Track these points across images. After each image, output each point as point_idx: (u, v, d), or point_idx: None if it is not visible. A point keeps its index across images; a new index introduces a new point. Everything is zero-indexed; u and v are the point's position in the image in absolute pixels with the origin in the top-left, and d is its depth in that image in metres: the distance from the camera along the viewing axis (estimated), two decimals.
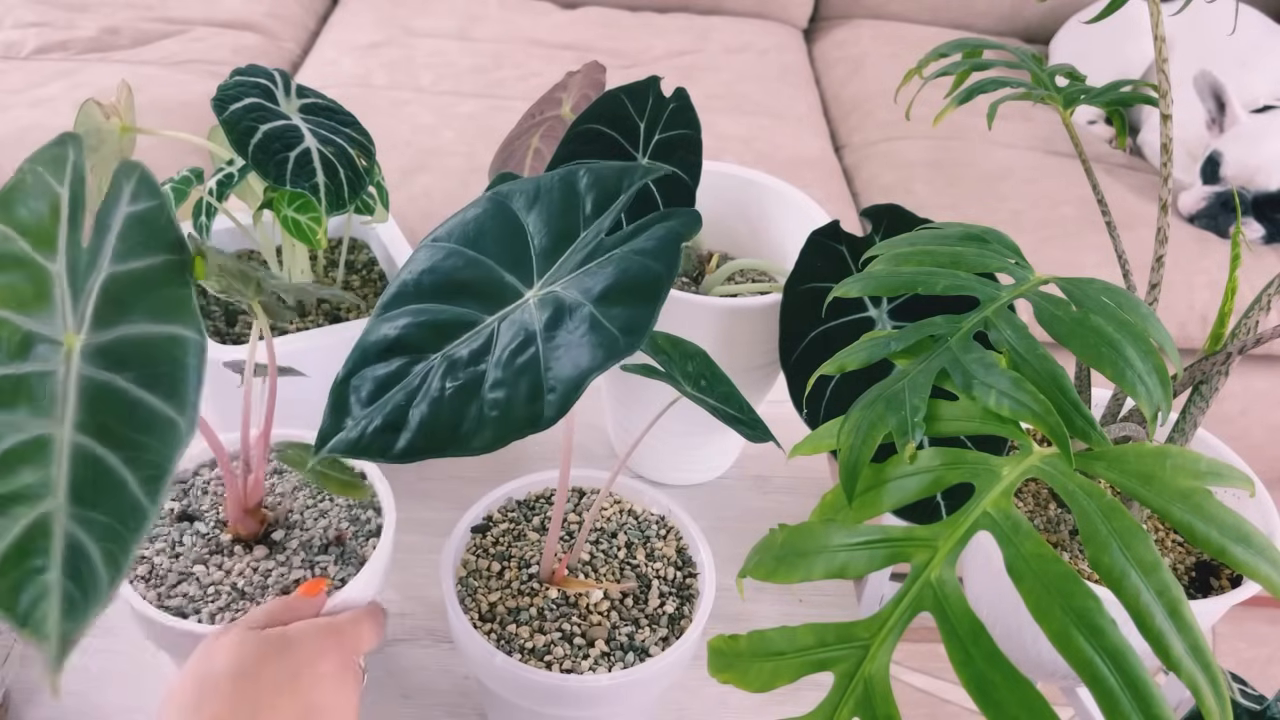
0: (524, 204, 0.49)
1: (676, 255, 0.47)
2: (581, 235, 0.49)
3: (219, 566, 0.63)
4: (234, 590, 0.61)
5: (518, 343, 0.45)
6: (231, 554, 0.64)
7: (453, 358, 0.45)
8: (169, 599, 0.60)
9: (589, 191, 0.50)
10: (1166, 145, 0.69)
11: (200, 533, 0.65)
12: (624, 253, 0.47)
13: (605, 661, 0.61)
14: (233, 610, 0.60)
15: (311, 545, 0.65)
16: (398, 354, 0.45)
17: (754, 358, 0.78)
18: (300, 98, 0.76)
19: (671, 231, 0.48)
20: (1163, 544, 0.72)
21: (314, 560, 0.64)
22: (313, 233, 0.71)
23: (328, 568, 0.63)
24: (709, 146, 0.74)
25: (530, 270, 0.48)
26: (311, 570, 0.63)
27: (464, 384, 0.44)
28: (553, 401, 0.44)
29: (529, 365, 0.44)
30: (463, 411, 0.44)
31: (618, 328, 0.44)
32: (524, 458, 0.92)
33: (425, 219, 1.48)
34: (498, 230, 0.49)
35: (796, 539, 0.47)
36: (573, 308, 0.45)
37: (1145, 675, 0.39)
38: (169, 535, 0.64)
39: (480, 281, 0.47)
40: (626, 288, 0.46)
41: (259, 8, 1.93)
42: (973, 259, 0.56)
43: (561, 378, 0.44)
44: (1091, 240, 1.54)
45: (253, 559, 0.64)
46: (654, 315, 0.45)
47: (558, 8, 2.08)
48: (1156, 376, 0.47)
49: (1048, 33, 2.10)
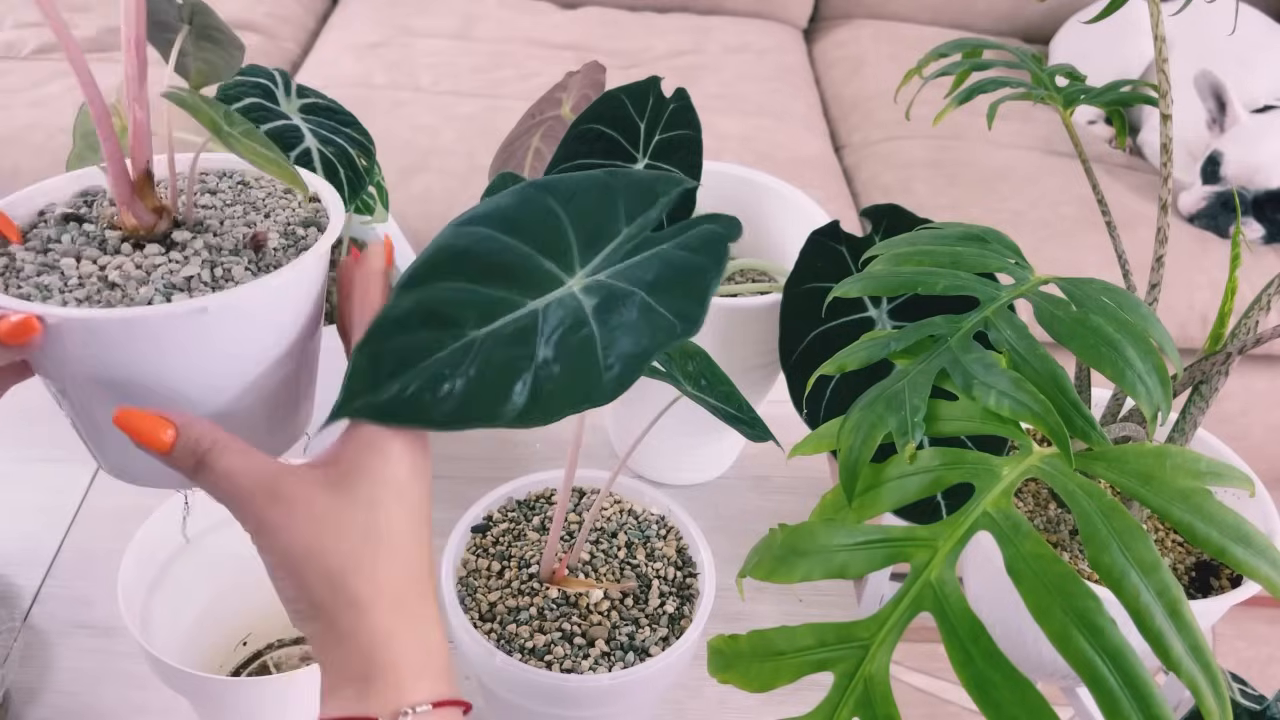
0: (561, 197, 0.49)
1: (723, 253, 0.48)
2: (625, 231, 0.49)
3: (93, 260, 0.50)
4: (102, 282, 0.48)
5: (569, 324, 0.45)
6: (117, 252, 0.50)
7: (499, 335, 0.44)
8: (16, 290, 0.48)
9: (624, 194, 0.51)
10: (1166, 145, 0.70)
11: (86, 232, 0.52)
12: (670, 248, 0.48)
13: (605, 661, 0.61)
14: (93, 302, 0.47)
15: (220, 248, 0.52)
16: (430, 326, 0.44)
17: (754, 358, 0.78)
18: (300, 98, 0.76)
19: (715, 233, 0.49)
20: (1163, 544, 0.72)
21: (218, 261, 0.51)
22: None
23: (232, 269, 0.50)
24: (709, 146, 0.74)
25: (571, 260, 0.48)
26: (211, 271, 0.50)
27: (512, 358, 0.44)
28: (612, 377, 0.44)
29: (585, 344, 0.45)
30: (509, 385, 0.43)
31: (672, 314, 0.45)
32: (524, 457, 0.92)
33: (425, 219, 1.48)
34: (535, 219, 0.49)
35: (796, 539, 0.47)
36: (624, 295, 0.46)
37: (1145, 675, 0.39)
38: (42, 233, 0.52)
39: (518, 266, 0.47)
40: (676, 280, 0.47)
41: (259, 8, 1.93)
42: (973, 259, 0.56)
43: (622, 354, 0.44)
44: (1091, 240, 1.54)
45: (140, 256, 0.50)
46: (705, 305, 0.46)
47: (558, 8, 2.08)
48: (1156, 376, 0.48)
49: (1048, 33, 2.10)
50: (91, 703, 0.71)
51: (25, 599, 0.77)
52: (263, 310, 0.50)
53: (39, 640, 0.75)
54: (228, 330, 0.48)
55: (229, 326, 0.48)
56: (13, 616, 0.75)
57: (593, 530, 0.70)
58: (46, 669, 0.73)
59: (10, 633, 0.73)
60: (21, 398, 0.51)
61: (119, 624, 0.74)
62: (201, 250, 0.52)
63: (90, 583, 0.79)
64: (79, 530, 0.83)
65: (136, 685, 0.72)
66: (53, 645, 0.75)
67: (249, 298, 0.48)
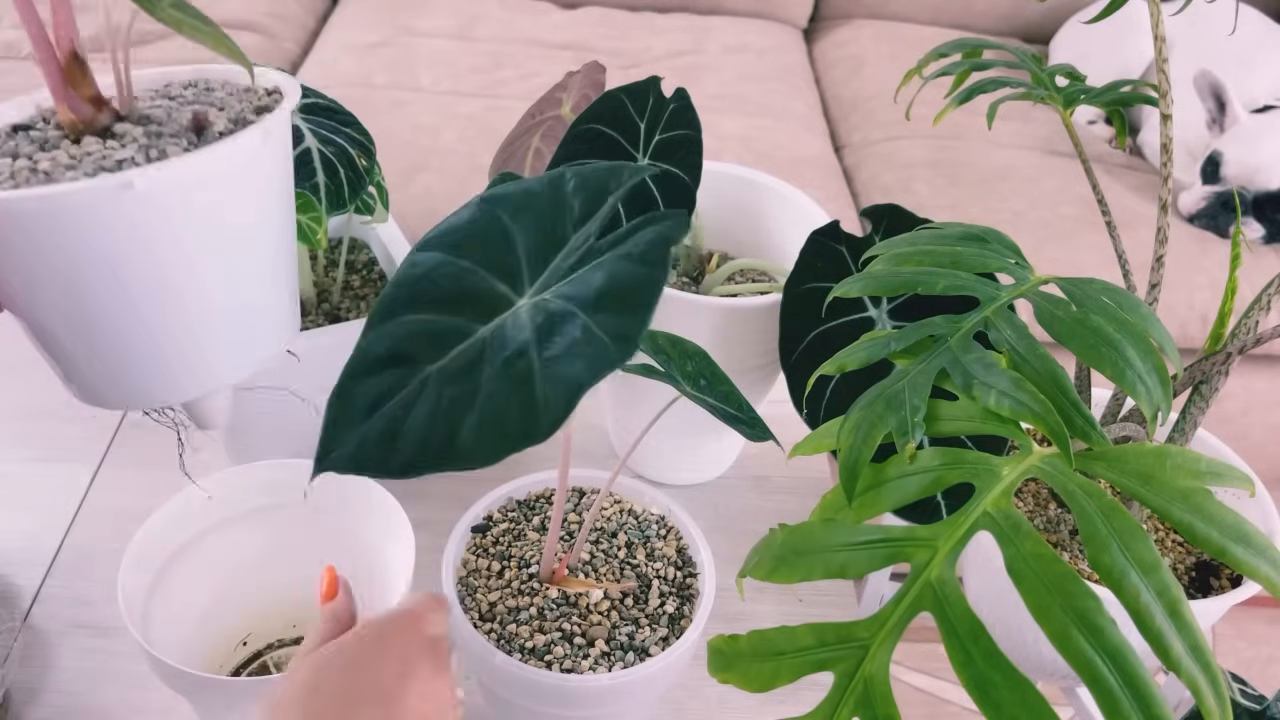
0: (511, 210, 0.48)
1: (665, 259, 0.46)
2: (571, 240, 0.48)
3: (28, 156, 0.48)
4: (31, 172, 0.46)
5: (511, 353, 0.44)
6: (57, 147, 0.48)
7: (447, 370, 0.44)
8: None
9: (576, 195, 0.49)
10: (1166, 145, 0.70)
11: (32, 138, 0.50)
12: (612, 258, 0.46)
13: (605, 661, 0.61)
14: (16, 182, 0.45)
15: (161, 134, 0.49)
16: (391, 366, 0.44)
17: (754, 358, 0.78)
18: (300, 97, 0.76)
19: (660, 235, 0.47)
20: (1163, 544, 0.72)
21: (154, 146, 0.48)
22: (313, 233, 0.71)
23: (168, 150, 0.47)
24: (709, 146, 0.74)
25: (521, 278, 0.47)
26: (147, 154, 0.47)
27: (459, 395, 0.43)
28: (548, 415, 0.43)
29: (524, 377, 0.43)
30: (459, 424, 0.43)
31: (609, 335, 0.43)
32: (524, 458, 0.91)
33: (425, 219, 1.48)
34: (486, 237, 0.48)
35: (796, 539, 0.47)
36: (564, 317, 0.45)
37: (1145, 675, 0.39)
38: None
39: (471, 291, 0.46)
40: (617, 294, 0.45)
41: (259, 8, 1.93)
42: (973, 259, 0.56)
43: (556, 392, 0.43)
44: (1091, 240, 1.54)
45: (76, 148, 0.48)
46: (645, 322, 0.44)
47: (558, 8, 2.08)
48: (1156, 376, 0.48)
49: (1048, 33, 2.10)
50: (91, 703, 0.71)
51: (25, 599, 0.77)
52: (203, 191, 0.46)
53: (39, 640, 0.75)
54: (170, 216, 0.45)
55: (170, 211, 0.45)
56: (13, 616, 0.75)
57: (593, 530, 0.70)
58: (46, 669, 0.73)
59: (10, 633, 0.73)
60: (22, 398, 0.51)
61: (119, 624, 0.74)
62: (140, 138, 0.48)
63: (90, 583, 0.79)
64: (79, 530, 0.83)
65: (136, 685, 0.72)
66: (53, 645, 0.75)
67: (181, 173, 0.44)
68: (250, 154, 0.47)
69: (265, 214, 0.50)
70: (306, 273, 0.82)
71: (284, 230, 0.53)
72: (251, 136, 0.47)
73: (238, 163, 0.47)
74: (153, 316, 0.47)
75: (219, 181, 0.46)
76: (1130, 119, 1.85)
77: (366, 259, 0.90)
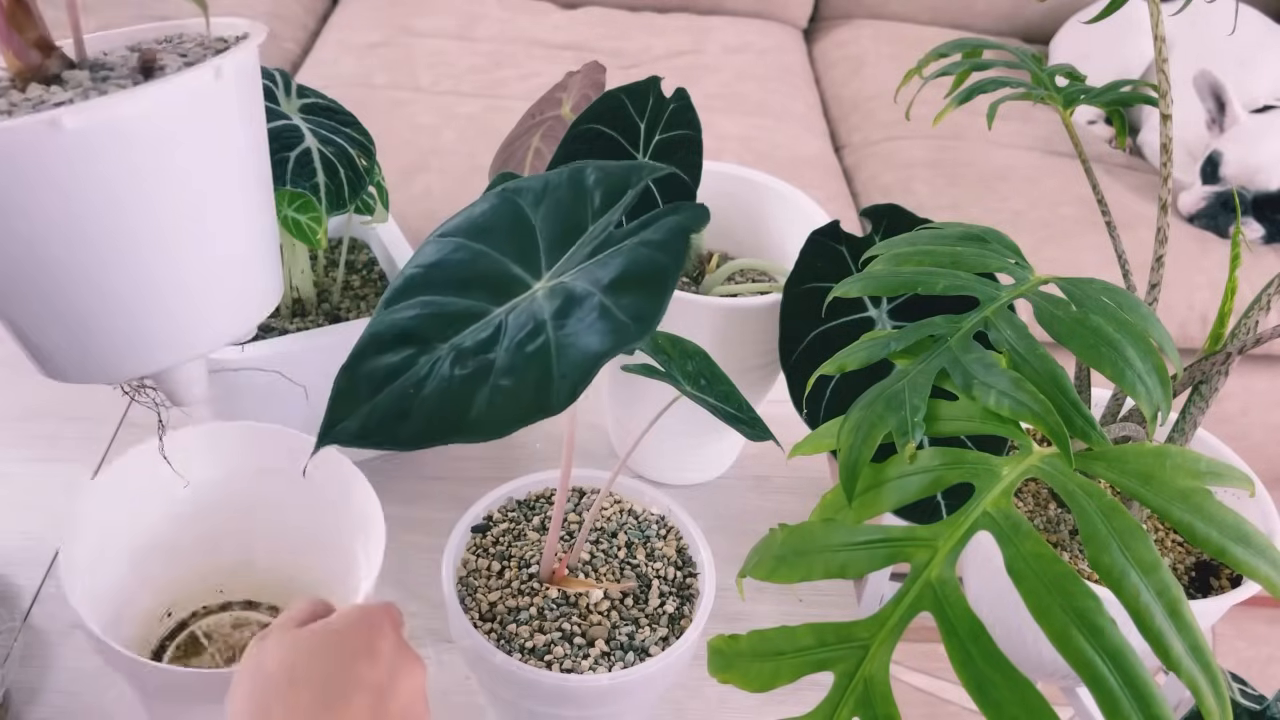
0: (532, 199, 0.50)
1: (684, 247, 0.48)
2: (590, 229, 0.49)
3: None
4: None
5: (527, 331, 0.45)
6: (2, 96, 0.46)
7: (460, 347, 0.45)
8: None
9: (597, 187, 0.51)
10: (1166, 145, 0.70)
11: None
12: (632, 245, 0.48)
13: (605, 661, 0.61)
14: None
15: (108, 79, 0.47)
16: (405, 344, 0.45)
17: (754, 358, 0.78)
18: (300, 97, 0.76)
19: (679, 224, 0.49)
20: (1163, 544, 0.72)
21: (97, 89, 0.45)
22: (313, 232, 0.71)
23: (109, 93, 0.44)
24: (709, 146, 0.74)
25: (538, 263, 0.48)
26: (86, 98, 0.45)
27: (472, 372, 0.44)
28: (563, 387, 0.44)
29: (539, 352, 0.45)
30: (470, 398, 0.44)
31: (628, 316, 0.45)
32: (524, 458, 0.92)
33: (425, 219, 1.48)
34: (505, 225, 0.49)
35: (796, 539, 0.47)
36: (582, 297, 0.46)
37: (1145, 675, 0.39)
38: None
39: (488, 274, 0.48)
40: (635, 278, 0.46)
41: (259, 8, 1.93)
42: (972, 259, 0.56)
43: (572, 363, 0.44)
44: (1091, 240, 1.54)
45: (18, 95, 0.45)
46: (663, 304, 0.46)
47: (558, 8, 2.08)
48: (1156, 376, 0.48)
49: (1048, 33, 2.10)
50: (91, 703, 0.71)
51: (25, 599, 0.77)
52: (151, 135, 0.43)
53: (39, 640, 0.75)
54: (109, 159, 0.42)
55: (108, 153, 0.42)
56: (13, 616, 0.75)
57: (593, 530, 0.70)
58: (46, 669, 0.73)
59: (10, 633, 0.73)
60: (22, 398, 0.51)
61: None
62: (86, 82, 0.45)
63: None
64: None
65: None
66: (53, 645, 0.75)
67: (115, 111, 0.41)
68: (196, 93, 0.44)
69: (228, 161, 0.47)
70: (307, 273, 0.82)
71: (256, 181, 0.50)
72: (199, 74, 0.44)
73: (180, 100, 0.43)
74: (113, 273, 0.44)
75: (162, 122, 0.43)
76: (1130, 119, 1.85)
77: (366, 259, 0.90)
